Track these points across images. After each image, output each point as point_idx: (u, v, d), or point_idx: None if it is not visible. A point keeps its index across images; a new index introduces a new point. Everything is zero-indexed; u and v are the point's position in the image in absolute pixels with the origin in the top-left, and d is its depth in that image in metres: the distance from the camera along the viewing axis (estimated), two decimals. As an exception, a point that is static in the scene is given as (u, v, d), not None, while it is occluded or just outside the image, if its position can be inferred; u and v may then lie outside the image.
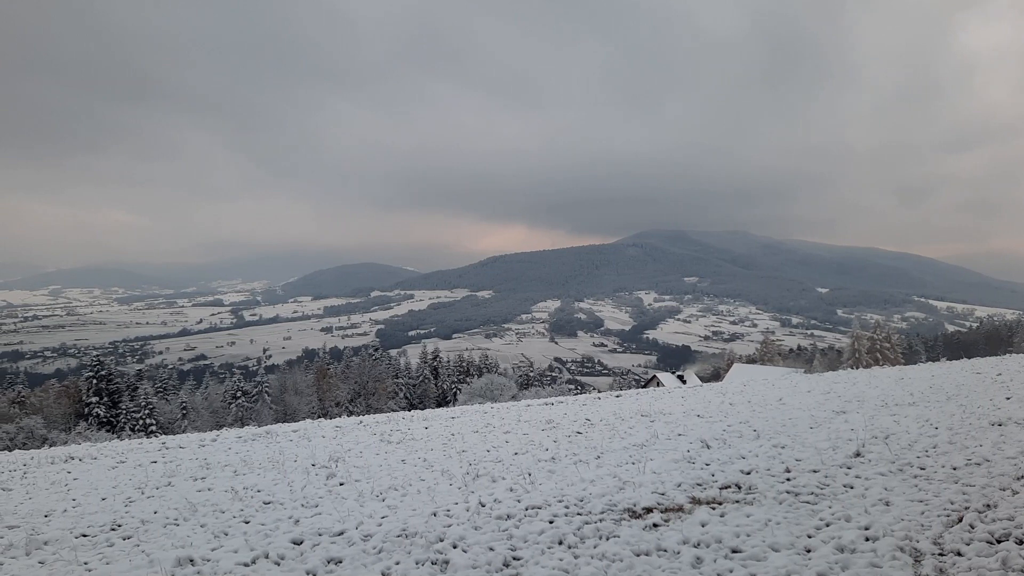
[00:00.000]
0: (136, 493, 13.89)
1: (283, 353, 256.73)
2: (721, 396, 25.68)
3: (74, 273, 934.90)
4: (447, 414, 27.93)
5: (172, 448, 21.06)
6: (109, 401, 69.70)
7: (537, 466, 13.74)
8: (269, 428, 26.27)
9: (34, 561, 9.45)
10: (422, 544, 8.70)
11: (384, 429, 22.49)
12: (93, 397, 69.17)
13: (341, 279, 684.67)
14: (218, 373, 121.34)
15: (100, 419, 66.90)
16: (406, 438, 19.75)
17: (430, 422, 24.27)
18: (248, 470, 15.76)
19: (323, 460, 16.17)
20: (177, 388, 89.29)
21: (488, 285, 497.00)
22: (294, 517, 10.81)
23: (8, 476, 17.21)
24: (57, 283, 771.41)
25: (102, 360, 74.07)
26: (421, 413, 30.33)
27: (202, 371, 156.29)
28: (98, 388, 70.15)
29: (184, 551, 9.05)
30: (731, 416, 18.94)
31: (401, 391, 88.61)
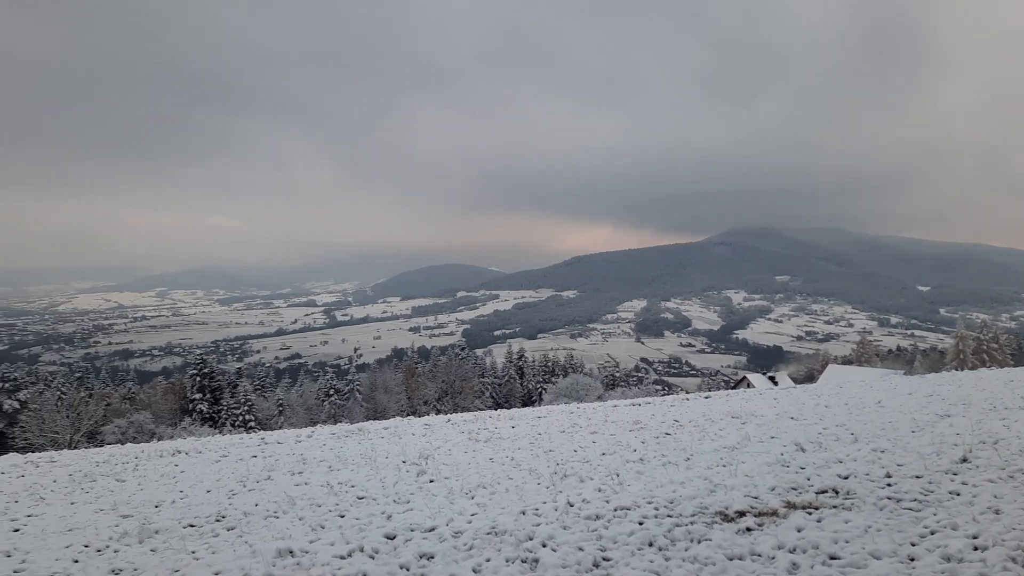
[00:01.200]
0: (238, 486, 14.50)
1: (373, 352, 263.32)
2: (815, 398, 24.88)
3: (179, 276, 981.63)
4: (533, 413, 28.01)
5: (270, 443, 21.87)
6: (211, 398, 72.91)
7: (625, 467, 13.64)
8: (361, 425, 26.94)
9: (146, 549, 10.00)
10: (512, 542, 8.78)
11: (472, 427, 22.74)
12: (197, 394, 72.50)
13: (428, 280, 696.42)
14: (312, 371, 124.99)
15: (203, 415, 70.02)
16: (493, 437, 19.92)
17: (517, 421, 24.40)
18: (342, 466, 16.22)
19: (413, 457, 16.48)
20: (274, 386, 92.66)
21: (573, 285, 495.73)
22: (387, 512, 11.07)
23: (122, 468, 18.23)
24: (163, 285, 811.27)
25: (205, 358, 77.57)
26: (507, 412, 30.51)
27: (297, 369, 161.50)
28: (201, 385, 73.48)
29: (284, 543, 9.41)
30: (827, 419, 18.33)
31: (487, 390, 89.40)
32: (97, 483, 16.02)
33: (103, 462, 19.51)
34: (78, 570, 9.11)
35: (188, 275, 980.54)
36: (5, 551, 10.33)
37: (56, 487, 15.78)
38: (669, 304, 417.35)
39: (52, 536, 11.16)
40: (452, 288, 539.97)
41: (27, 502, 14.17)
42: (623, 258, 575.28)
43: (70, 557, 9.80)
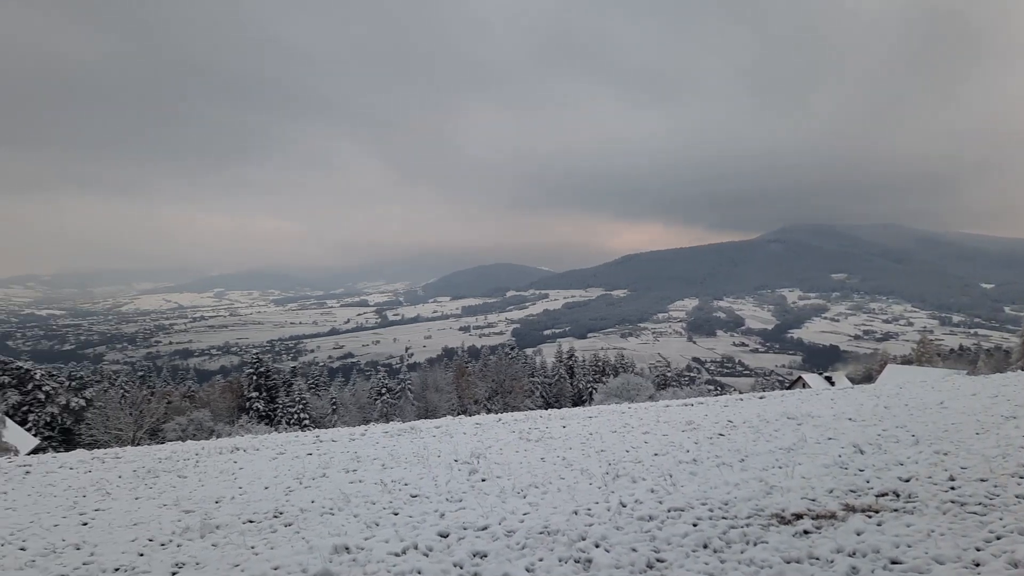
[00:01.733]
0: (295, 483, 14.78)
1: (424, 351, 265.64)
2: (874, 399, 24.28)
3: (235, 277, 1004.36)
4: (584, 413, 27.92)
5: (325, 441, 22.21)
6: (267, 396, 74.48)
7: (678, 468, 13.52)
8: (413, 424, 27.20)
9: (208, 544, 10.27)
10: (564, 542, 8.77)
11: (522, 427, 22.77)
12: (253, 392, 74.14)
13: (478, 279, 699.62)
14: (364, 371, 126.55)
15: (259, 413, 71.56)
16: (544, 436, 19.92)
17: (567, 421, 24.35)
18: (395, 464, 16.40)
19: (465, 456, 16.58)
20: (327, 384, 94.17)
21: (623, 284, 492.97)
22: (439, 511, 11.17)
23: (183, 464, 18.74)
24: (221, 286, 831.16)
25: (261, 358, 79.28)
26: (558, 412, 30.47)
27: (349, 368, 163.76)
28: (258, 384, 75.11)
29: (340, 539, 9.57)
30: (886, 420, 17.88)
31: (537, 390, 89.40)
32: (160, 479, 16.48)
33: (165, 459, 20.06)
34: (143, 563, 9.39)
35: (245, 276, 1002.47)
36: (75, 543, 10.71)
37: (121, 482, 16.29)
38: (721, 303, 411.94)
39: (118, 530, 11.53)
40: (502, 287, 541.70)
41: (94, 497, 14.66)
42: (674, 256, 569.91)
43: (135, 551, 10.11)
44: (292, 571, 8.43)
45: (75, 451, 25.42)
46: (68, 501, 14.32)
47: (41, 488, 16.04)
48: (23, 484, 16.78)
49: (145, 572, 8.98)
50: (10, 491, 15.80)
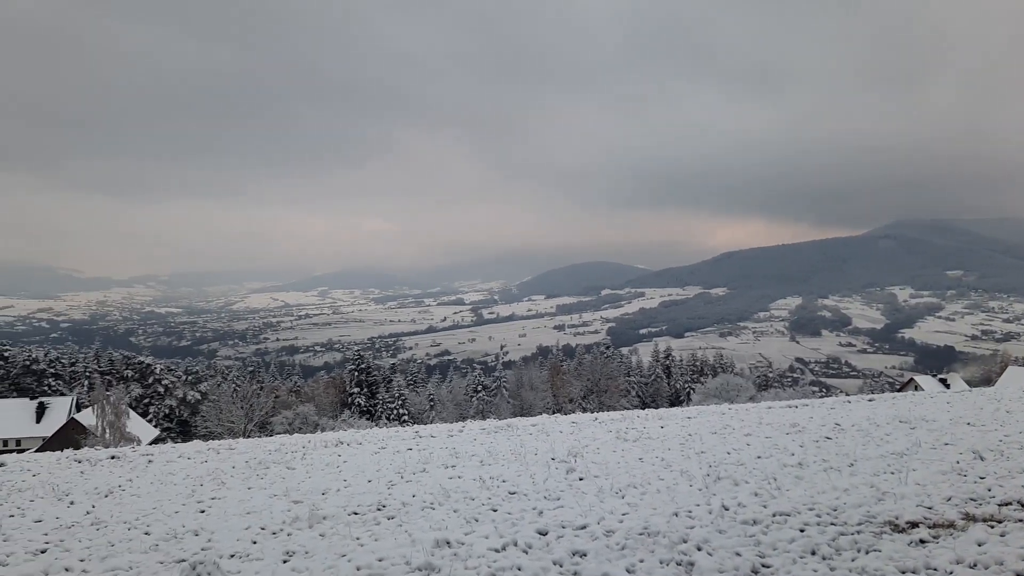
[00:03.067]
0: (396, 477, 15.14)
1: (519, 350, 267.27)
2: (995, 402, 22.91)
3: (338, 276, 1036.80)
4: (682, 414, 27.46)
5: (424, 437, 22.66)
6: (368, 392, 76.61)
7: (783, 471, 13.13)
8: (509, 421, 27.41)
9: (316, 533, 10.66)
10: (665, 544, 8.66)
11: (619, 427, 22.60)
12: (355, 388, 76.40)
13: (572, 278, 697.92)
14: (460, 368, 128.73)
15: (361, 408, 73.68)
16: (642, 436, 19.71)
17: (665, 421, 24.01)
18: (493, 461, 16.57)
19: (562, 455, 16.59)
20: (425, 381, 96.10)
21: (722, 282, 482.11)
22: (538, 508, 11.22)
23: (291, 456, 19.49)
24: (324, 285, 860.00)
25: (362, 354, 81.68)
26: (655, 412, 30.09)
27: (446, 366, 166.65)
28: (359, 380, 77.36)
29: (441, 533, 9.75)
30: (1008, 425, 16.85)
31: (633, 389, 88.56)
32: (270, 470, 17.19)
33: (274, 451, 20.91)
34: (256, 551, 9.83)
35: (346, 275, 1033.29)
36: (193, 530, 11.32)
37: (235, 472, 17.08)
38: (827, 301, 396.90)
39: (233, 518, 12.10)
40: (597, 286, 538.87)
41: (210, 486, 15.44)
42: (776, 253, 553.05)
43: (249, 538, 10.59)
44: (396, 563, 8.65)
45: (192, 442, 26.84)
46: (187, 489, 15.13)
47: (163, 476, 17.01)
48: (146, 472, 17.83)
49: (258, 559, 9.39)
50: (135, 478, 16.82)
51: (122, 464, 19.39)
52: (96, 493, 15.02)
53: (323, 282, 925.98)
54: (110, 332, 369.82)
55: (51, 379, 78.68)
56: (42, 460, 20.87)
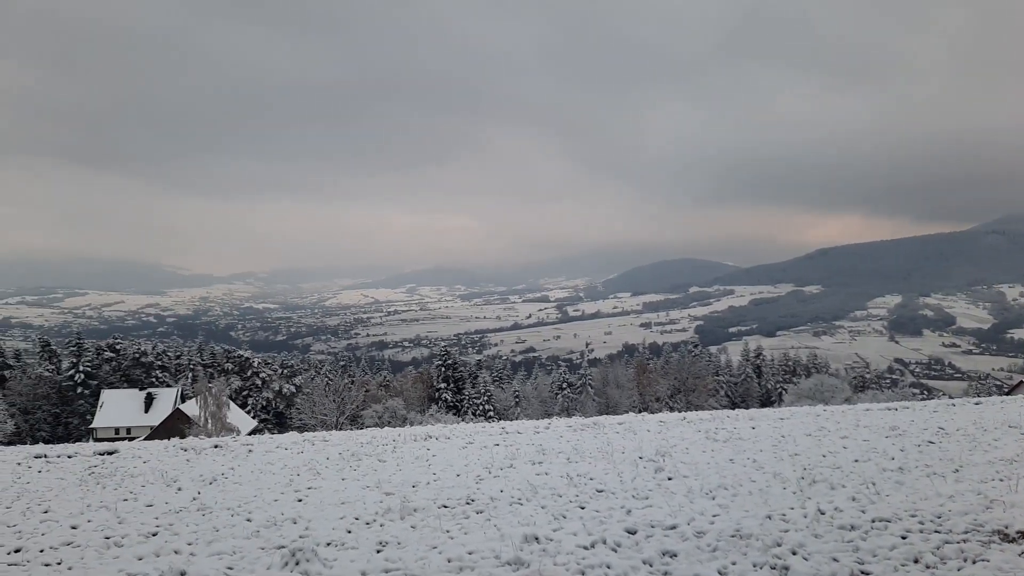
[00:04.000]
0: (484, 472, 15.33)
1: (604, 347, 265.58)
2: (1119, 409, 21.43)
3: (425, 273, 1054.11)
4: (774, 415, 26.77)
5: (511, 433, 22.83)
6: (455, 387, 77.65)
7: (882, 476, 12.67)
8: (596, 419, 27.31)
9: (407, 525, 10.91)
10: (758, 547, 8.49)
11: (709, 426, 22.23)
12: (442, 383, 77.57)
13: (659, 275, 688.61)
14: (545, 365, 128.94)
15: (447, 403, 74.74)
16: (732, 437, 19.34)
17: (756, 422, 23.47)
18: (579, 458, 16.56)
19: (650, 454, 16.45)
20: (510, 378, 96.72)
21: (816, 279, 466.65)
22: (626, 507, 11.17)
23: (382, 449, 19.97)
24: (412, 282, 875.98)
25: (448, 350, 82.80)
26: (746, 412, 29.42)
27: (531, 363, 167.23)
28: (446, 376, 78.50)
29: (529, 529, 9.83)
30: None
31: (722, 389, 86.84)
32: (362, 462, 17.67)
33: (366, 443, 21.47)
34: (351, 540, 10.14)
35: (433, 272, 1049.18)
36: (291, 518, 11.76)
37: (329, 464, 17.63)
38: (928, 300, 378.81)
39: (328, 507, 12.51)
40: (684, 283, 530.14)
41: (306, 476, 15.99)
42: (874, 250, 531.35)
43: (344, 528, 10.93)
44: (486, 556, 8.77)
45: (288, 433, 27.84)
46: (284, 479, 15.71)
47: (262, 466, 17.71)
48: (247, 461, 18.61)
49: (353, 548, 9.69)
50: (237, 467, 17.58)
51: (224, 453, 20.29)
52: (201, 480, 15.77)
53: (411, 279, 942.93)
54: (212, 327, 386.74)
55: (158, 371, 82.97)
56: (151, 448, 22.06)
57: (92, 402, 73.97)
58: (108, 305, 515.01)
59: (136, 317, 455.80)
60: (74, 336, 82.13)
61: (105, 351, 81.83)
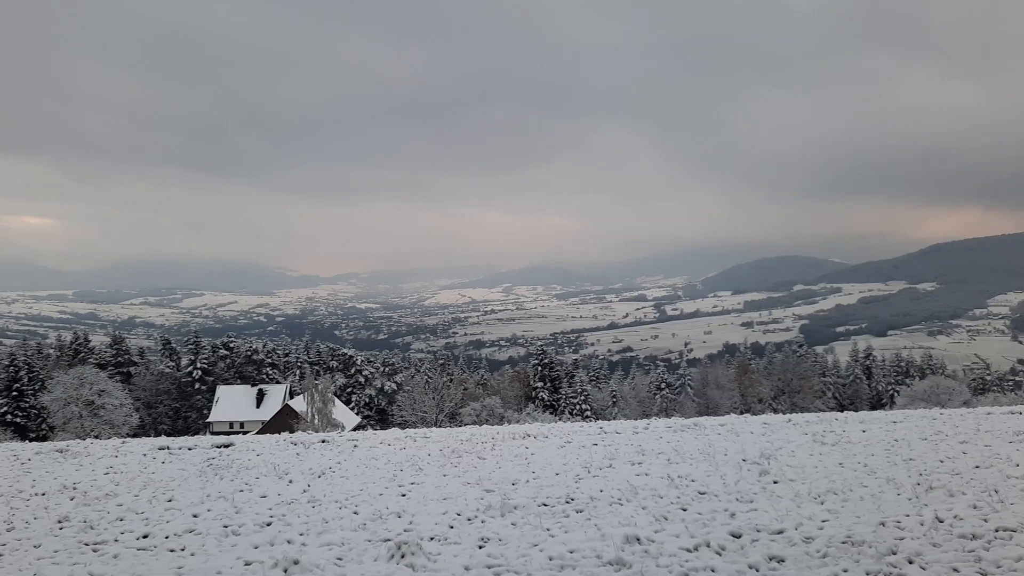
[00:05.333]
0: (583, 471, 15.32)
1: (703, 347, 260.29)
2: None
3: (521, 273, 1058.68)
4: (886, 417, 25.61)
5: (609, 433, 22.71)
6: (551, 386, 77.78)
7: (1006, 483, 11.97)
8: (696, 420, 26.84)
9: (508, 522, 11.05)
10: (871, 554, 8.17)
11: (815, 429, 21.49)
12: (539, 382, 77.85)
13: (760, 273, 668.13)
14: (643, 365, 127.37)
15: (544, 402, 74.94)
16: (841, 440, 18.64)
17: (867, 425, 22.52)
18: (680, 459, 16.33)
19: (754, 456, 16.05)
20: (607, 377, 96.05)
21: (930, 276, 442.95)
22: (729, 510, 10.96)
23: (481, 447, 20.24)
24: (508, 281, 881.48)
25: (545, 350, 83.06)
26: (855, 415, 28.25)
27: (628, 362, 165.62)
28: (542, 375, 78.75)
29: (630, 530, 9.78)
30: None
31: (829, 390, 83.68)
32: (462, 459, 17.96)
33: (466, 440, 21.81)
34: (454, 535, 10.36)
35: (529, 272, 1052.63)
36: (396, 512, 12.11)
37: (430, 460, 18.01)
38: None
39: (431, 503, 12.81)
40: (787, 281, 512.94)
41: (409, 472, 16.38)
42: (996, 245, 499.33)
43: (446, 523, 11.18)
44: (587, 556, 8.79)
45: (391, 429, 28.60)
46: (388, 474, 16.15)
47: (367, 460, 18.27)
48: (352, 456, 19.22)
49: (456, 543, 9.89)
50: (343, 461, 18.19)
51: (331, 448, 21.02)
52: (310, 473, 16.41)
53: (508, 279, 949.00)
54: (317, 326, 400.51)
55: (268, 368, 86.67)
56: (263, 441, 23.10)
57: (208, 397, 77.98)
58: (222, 305, 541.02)
59: (248, 316, 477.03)
60: (192, 335, 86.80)
61: (220, 349, 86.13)
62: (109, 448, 21.92)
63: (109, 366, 75.05)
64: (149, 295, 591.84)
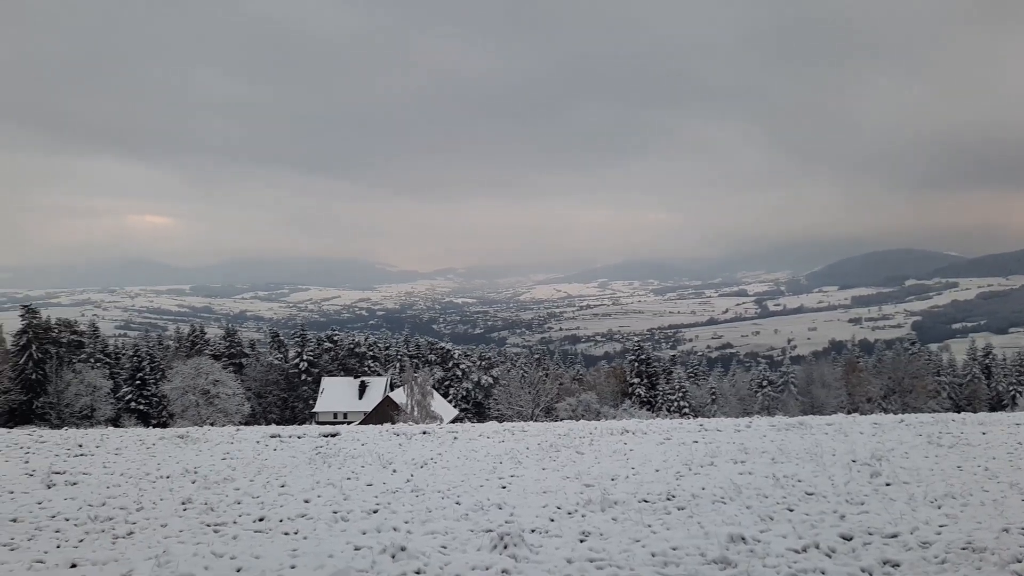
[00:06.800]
0: (684, 469, 15.14)
1: (808, 344, 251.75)
2: None
3: (617, 268, 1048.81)
4: (1009, 420, 24.15)
5: (710, 431, 22.30)
6: (648, 383, 76.97)
7: None
8: (801, 419, 26.02)
9: (608, 517, 11.06)
10: (994, 562, 7.79)
11: (931, 430, 20.48)
12: (635, 378, 77.18)
13: (870, 267, 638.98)
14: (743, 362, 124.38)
15: (641, 398, 74.25)
16: (959, 442, 17.72)
17: (987, 427, 21.31)
18: (785, 459, 15.90)
19: (864, 457, 15.47)
20: (706, 374, 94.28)
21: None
22: (839, 512, 10.63)
23: (579, 442, 20.26)
24: (604, 277, 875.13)
25: (642, 345, 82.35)
26: (974, 416, 26.75)
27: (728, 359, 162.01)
28: (639, 371, 78.03)
29: (734, 528, 9.62)
30: None
31: (944, 390, 79.47)
32: (561, 454, 18.04)
33: (563, 435, 21.86)
34: (555, 528, 10.45)
35: (625, 266, 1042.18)
36: (496, 503, 12.30)
37: (529, 454, 18.16)
38: None
39: (531, 496, 12.94)
40: (899, 275, 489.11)
41: (508, 464, 16.58)
42: None
43: (547, 516, 11.28)
44: (690, 553, 8.71)
45: (488, 423, 28.97)
46: (488, 466, 16.40)
47: (467, 452, 18.59)
48: (452, 447, 19.61)
49: (557, 536, 9.98)
50: (444, 453, 18.58)
51: (432, 439, 21.50)
52: (413, 463, 16.84)
53: (603, 274, 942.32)
54: (416, 320, 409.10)
55: (370, 361, 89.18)
56: (367, 432, 23.84)
57: (314, 388, 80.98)
58: (327, 299, 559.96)
59: (350, 311, 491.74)
60: (298, 328, 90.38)
61: (324, 342, 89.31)
62: (225, 435, 23.09)
63: (223, 357, 78.99)
64: (259, 290, 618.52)
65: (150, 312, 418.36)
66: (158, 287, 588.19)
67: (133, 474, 15.72)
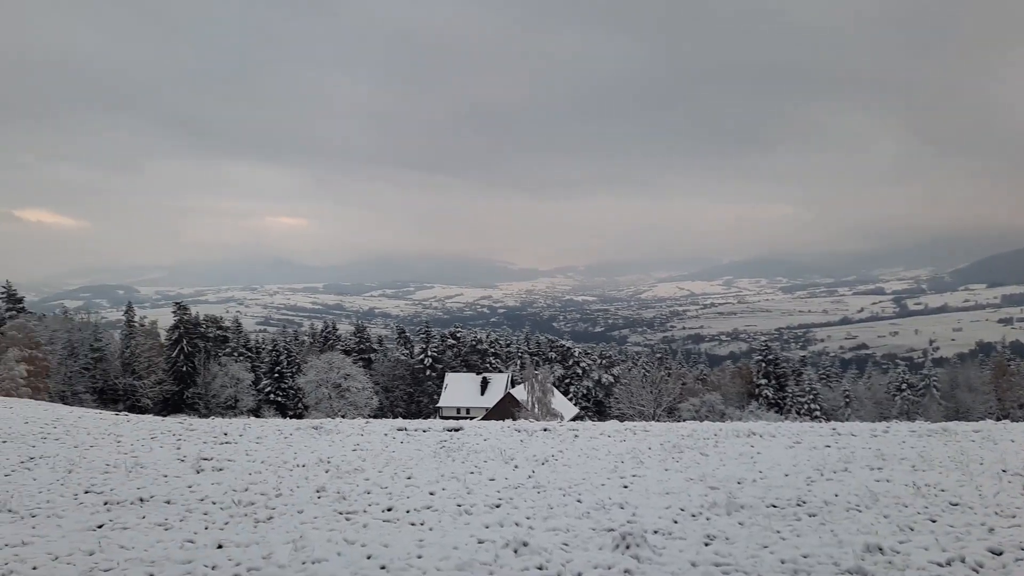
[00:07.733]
0: (815, 474, 14.52)
1: (952, 345, 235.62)
2: None
3: (743, 264, 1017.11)
4: None
5: (844, 435, 21.26)
6: (776, 384, 74.38)
7: None
8: (944, 425, 24.40)
9: (734, 521, 10.78)
10: None
11: (1096, 441, 18.77)
12: (762, 379, 74.75)
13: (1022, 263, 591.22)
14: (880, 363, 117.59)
15: (768, 400, 71.84)
16: None
17: None
18: (927, 467, 14.99)
19: (1016, 467, 14.36)
20: (839, 376, 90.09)
21: None
22: (987, 524, 9.95)
23: (703, 443, 19.81)
24: (729, 274, 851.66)
25: (769, 345, 79.64)
26: None
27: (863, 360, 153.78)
28: (766, 371, 75.51)
29: (871, 538, 9.15)
30: None
31: (1113, 398, 72.57)
32: (684, 455, 17.70)
33: (687, 436, 21.43)
34: (678, 530, 10.28)
35: (752, 264, 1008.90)
36: (618, 503, 12.23)
37: (651, 454, 17.93)
38: None
39: (653, 496, 12.78)
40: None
41: (630, 464, 16.43)
42: None
43: (670, 517, 11.11)
44: (823, 562, 8.37)
45: (609, 421, 28.78)
46: (609, 465, 16.31)
47: (587, 451, 18.56)
48: (573, 445, 19.62)
49: (681, 538, 9.82)
50: (564, 450, 18.63)
51: (552, 437, 21.59)
52: (534, 460, 16.97)
53: (729, 271, 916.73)
54: (536, 317, 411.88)
55: (491, 357, 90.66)
56: (489, 427, 24.22)
57: (437, 383, 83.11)
58: (450, 297, 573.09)
59: (472, 308, 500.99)
60: (423, 325, 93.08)
61: (448, 338, 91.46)
62: (355, 427, 24.04)
63: (353, 352, 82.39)
64: (386, 287, 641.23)
65: (287, 309, 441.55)
66: (294, 285, 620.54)
67: (272, 462, 16.61)
